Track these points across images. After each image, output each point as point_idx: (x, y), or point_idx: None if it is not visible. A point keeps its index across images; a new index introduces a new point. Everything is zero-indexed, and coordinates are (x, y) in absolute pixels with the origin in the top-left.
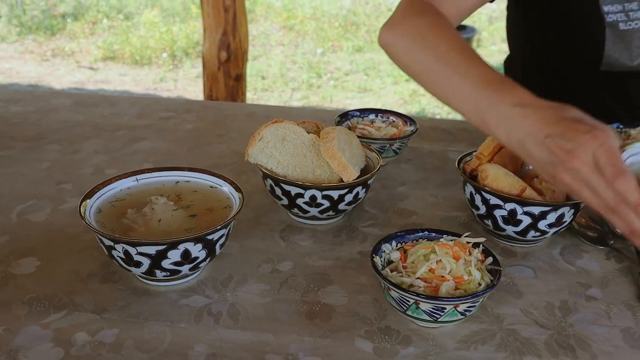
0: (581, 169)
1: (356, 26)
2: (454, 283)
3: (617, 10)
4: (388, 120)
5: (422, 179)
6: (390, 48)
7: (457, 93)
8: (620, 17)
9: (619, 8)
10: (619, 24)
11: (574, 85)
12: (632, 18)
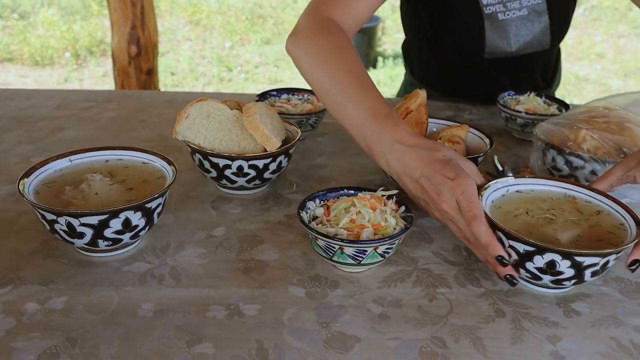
0: (447, 210)
1: (263, 19)
2: (373, 229)
3: (496, 2)
4: (304, 97)
5: (339, 149)
6: (295, 60)
7: (348, 119)
8: (498, 8)
9: (496, 1)
10: (497, 15)
11: (464, 68)
12: (509, 8)
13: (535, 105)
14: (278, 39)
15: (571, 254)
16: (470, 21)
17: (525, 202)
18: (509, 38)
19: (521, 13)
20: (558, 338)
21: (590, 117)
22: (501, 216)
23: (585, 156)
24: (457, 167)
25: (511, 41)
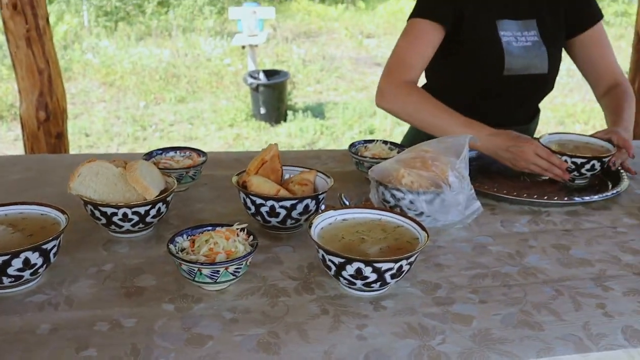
0: (529, 157)
1: (177, 78)
2: (226, 254)
3: (509, 35)
4: (185, 154)
5: (215, 196)
6: (392, 113)
7: (451, 134)
8: (512, 39)
9: (509, 34)
10: (511, 43)
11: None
12: (518, 40)
13: (380, 151)
14: (192, 97)
15: (371, 261)
16: (493, 46)
17: (347, 227)
18: (520, 60)
19: (527, 44)
20: (365, 325)
21: (411, 158)
22: (328, 239)
23: (403, 189)
24: (524, 137)
25: (521, 62)
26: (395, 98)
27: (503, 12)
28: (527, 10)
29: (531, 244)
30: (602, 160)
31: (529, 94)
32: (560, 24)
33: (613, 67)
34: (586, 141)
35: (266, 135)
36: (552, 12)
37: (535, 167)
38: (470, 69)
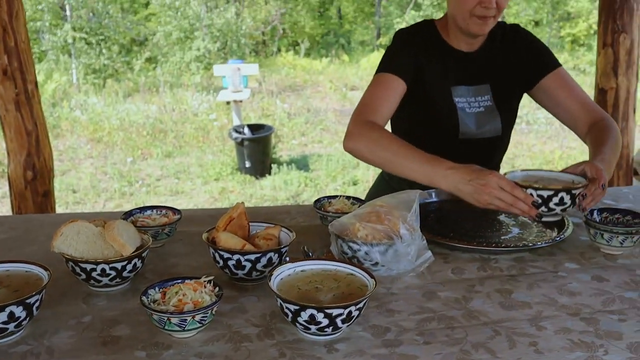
0: (492, 190)
1: (164, 133)
2: (193, 305)
3: (463, 101)
4: (162, 213)
5: (190, 251)
6: (356, 152)
7: (412, 172)
8: (465, 105)
9: (463, 100)
10: (465, 109)
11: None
12: (472, 106)
13: (342, 206)
14: (179, 152)
15: (322, 308)
16: (449, 111)
17: (305, 278)
18: (474, 124)
19: (480, 109)
20: None
21: (367, 212)
22: (287, 289)
23: (359, 242)
24: (486, 170)
25: (475, 126)
26: (359, 136)
27: (458, 79)
28: (480, 76)
29: (477, 289)
30: (571, 192)
31: (484, 155)
32: (516, 80)
33: (588, 106)
34: (556, 177)
35: (251, 188)
36: (506, 71)
37: (499, 201)
38: (427, 131)
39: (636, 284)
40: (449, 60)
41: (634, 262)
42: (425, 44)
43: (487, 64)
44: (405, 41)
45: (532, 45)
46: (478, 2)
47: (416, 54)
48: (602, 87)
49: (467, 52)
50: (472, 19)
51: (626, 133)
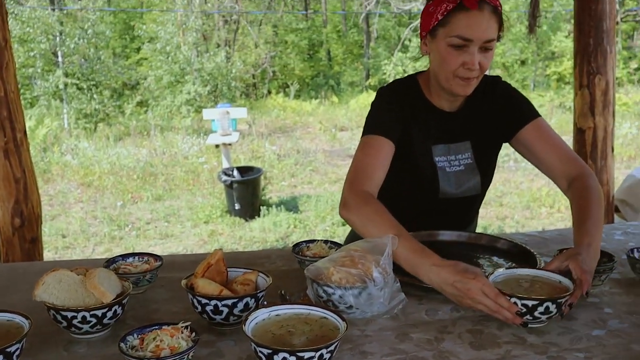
0: (476, 296)
1: (154, 176)
2: (170, 350)
3: (443, 160)
4: (143, 259)
5: (170, 297)
6: (349, 222)
7: (397, 255)
8: (445, 164)
9: (444, 159)
10: (445, 168)
11: (422, 209)
12: (452, 165)
13: (320, 250)
14: (169, 195)
15: (294, 351)
16: (429, 171)
17: (279, 322)
18: (454, 184)
19: (460, 168)
20: None
21: (341, 257)
22: (262, 333)
23: (333, 286)
24: (473, 272)
25: (455, 186)
26: (354, 209)
27: (438, 137)
28: (461, 134)
29: (449, 329)
30: (556, 302)
31: (463, 212)
32: (496, 134)
33: (566, 158)
34: (543, 276)
35: (240, 230)
36: (487, 127)
37: (483, 307)
38: (407, 189)
39: (603, 322)
40: (430, 119)
41: (603, 301)
42: (408, 102)
43: (469, 121)
44: (389, 100)
45: (511, 98)
46: (461, 64)
47: (401, 113)
48: (581, 127)
49: (449, 111)
50: (455, 80)
51: (605, 171)
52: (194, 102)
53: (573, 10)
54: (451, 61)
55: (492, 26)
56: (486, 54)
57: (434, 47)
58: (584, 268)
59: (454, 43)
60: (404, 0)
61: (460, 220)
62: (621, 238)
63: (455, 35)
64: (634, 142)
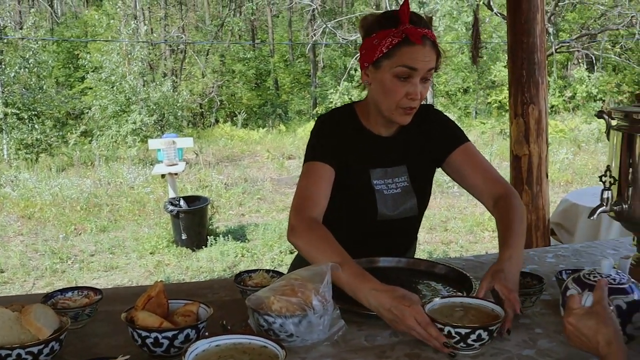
0: (408, 323)
1: (99, 207)
2: None
3: (381, 183)
4: (83, 294)
5: (111, 331)
6: (297, 248)
7: (339, 279)
8: (383, 187)
9: (381, 182)
10: (383, 191)
11: (361, 232)
12: (389, 188)
13: (262, 279)
14: (114, 226)
15: None
16: (366, 194)
17: (219, 352)
18: (391, 206)
19: (397, 191)
20: None
21: (282, 286)
22: None
23: (273, 315)
24: (409, 299)
25: (392, 208)
26: (301, 235)
27: (377, 162)
28: (398, 158)
29: (388, 354)
30: (488, 329)
31: (401, 234)
32: (429, 158)
33: (491, 180)
34: (477, 304)
35: (187, 261)
36: (421, 151)
37: (415, 333)
38: (346, 212)
39: (533, 342)
40: (368, 144)
41: (534, 321)
42: (346, 129)
43: (404, 146)
44: (328, 127)
45: (442, 124)
46: (405, 95)
47: (338, 139)
48: (517, 154)
49: (386, 136)
50: (397, 110)
51: (541, 196)
52: (140, 132)
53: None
54: (396, 92)
55: (432, 58)
56: (425, 84)
57: (378, 77)
58: (509, 287)
59: (399, 73)
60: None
61: (399, 242)
62: (552, 260)
63: (402, 65)
64: (570, 167)
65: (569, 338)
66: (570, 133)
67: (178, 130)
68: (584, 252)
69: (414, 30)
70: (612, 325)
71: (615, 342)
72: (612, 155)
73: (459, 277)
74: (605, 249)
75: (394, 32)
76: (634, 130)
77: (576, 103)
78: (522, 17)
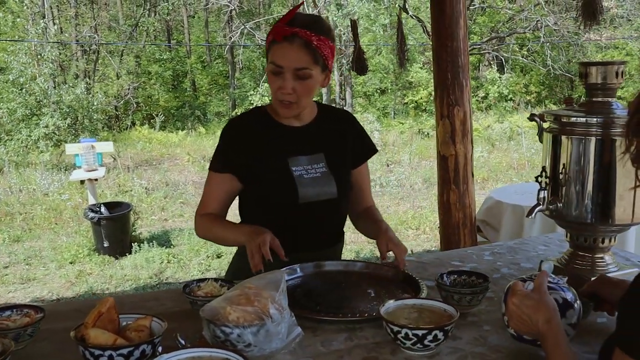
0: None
1: (11, 216)
2: None
3: (300, 169)
4: (22, 312)
5: (56, 350)
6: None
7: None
8: (303, 172)
9: (300, 168)
10: (303, 176)
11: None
12: (309, 172)
13: (212, 289)
14: (29, 235)
15: None
16: (287, 179)
17: None
18: (311, 189)
19: (316, 175)
20: None
21: (236, 295)
22: None
23: (231, 325)
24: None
25: (312, 190)
26: (198, 228)
27: (295, 150)
28: (315, 146)
29: (345, 359)
30: (444, 329)
31: (323, 216)
32: (346, 157)
33: (369, 195)
34: (429, 305)
35: (111, 269)
36: (338, 145)
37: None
38: (270, 200)
39: (484, 339)
40: (283, 136)
41: (481, 319)
42: (257, 126)
43: (320, 136)
44: (231, 134)
45: (359, 133)
46: (278, 88)
47: (246, 140)
48: (443, 154)
49: (300, 126)
50: (277, 103)
51: (468, 195)
52: (52, 136)
53: (432, 46)
54: (272, 85)
55: (302, 57)
56: (302, 82)
57: (267, 72)
58: (399, 246)
59: (271, 69)
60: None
61: (325, 229)
62: (490, 258)
63: (271, 62)
64: (485, 164)
65: (511, 318)
66: (484, 132)
67: (94, 134)
68: (518, 249)
69: (279, 29)
70: (551, 307)
71: (554, 320)
72: (546, 156)
73: (406, 279)
74: (536, 245)
75: (272, 32)
76: (565, 132)
77: (488, 103)
78: (445, 21)
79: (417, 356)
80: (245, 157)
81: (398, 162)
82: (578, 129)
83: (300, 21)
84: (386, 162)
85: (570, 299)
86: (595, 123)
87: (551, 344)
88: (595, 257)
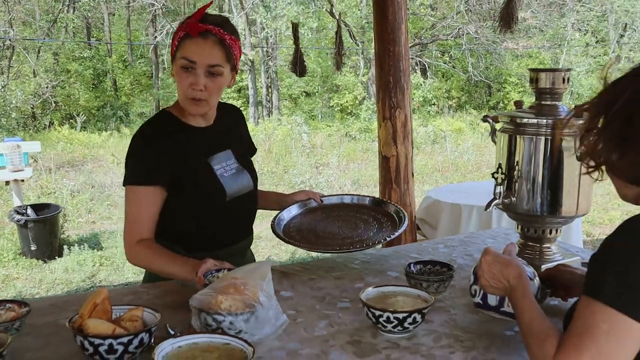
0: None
1: None
2: None
3: (219, 168)
4: (6, 307)
5: (43, 344)
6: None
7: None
8: (222, 171)
9: (220, 166)
10: (223, 174)
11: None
12: (227, 170)
13: None
14: None
15: None
16: (212, 181)
17: (184, 352)
18: (234, 185)
19: (233, 172)
20: None
21: (224, 286)
22: None
23: (224, 313)
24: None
25: (235, 186)
26: (135, 257)
27: (210, 150)
28: (222, 144)
29: (331, 343)
30: (422, 312)
31: (247, 208)
32: (245, 148)
33: None
34: (405, 291)
35: (40, 273)
36: (238, 139)
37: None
38: (199, 202)
39: (454, 322)
40: (196, 138)
41: (448, 304)
42: (168, 132)
43: (224, 133)
44: (147, 143)
45: (246, 127)
46: (189, 85)
47: (166, 150)
48: (385, 155)
49: (207, 125)
50: (187, 101)
51: (408, 194)
52: None
53: (374, 51)
54: (182, 82)
55: (215, 54)
56: (213, 79)
57: (174, 70)
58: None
59: (182, 64)
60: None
61: (242, 224)
62: (445, 250)
63: (182, 57)
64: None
65: (482, 276)
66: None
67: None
68: (469, 241)
69: (194, 25)
70: (520, 265)
71: (523, 275)
72: (500, 154)
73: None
74: (485, 238)
75: (183, 27)
76: (518, 132)
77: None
78: (388, 27)
79: (397, 338)
80: (169, 165)
81: (326, 164)
82: (530, 129)
83: (213, 20)
84: (315, 164)
85: (530, 273)
86: (545, 124)
87: (520, 295)
88: (543, 247)
